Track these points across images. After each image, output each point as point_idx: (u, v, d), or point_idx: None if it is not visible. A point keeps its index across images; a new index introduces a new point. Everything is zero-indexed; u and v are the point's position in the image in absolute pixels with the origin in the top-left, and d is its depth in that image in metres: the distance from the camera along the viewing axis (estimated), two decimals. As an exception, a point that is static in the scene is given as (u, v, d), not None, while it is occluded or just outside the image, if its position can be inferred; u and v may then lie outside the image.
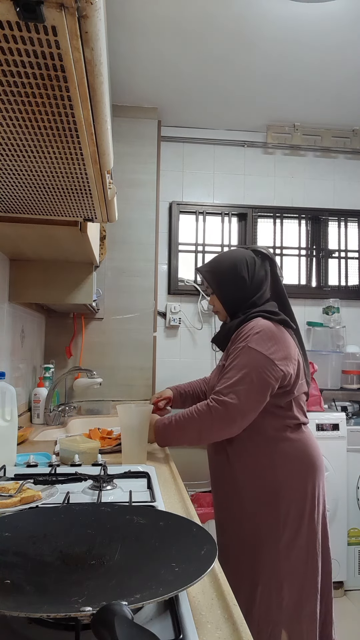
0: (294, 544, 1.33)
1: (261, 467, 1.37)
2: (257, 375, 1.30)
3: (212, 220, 3.12)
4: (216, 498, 1.51)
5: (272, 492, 1.35)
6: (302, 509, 1.35)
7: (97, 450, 1.39)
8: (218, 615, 0.62)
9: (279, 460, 1.37)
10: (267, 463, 1.37)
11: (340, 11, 2.04)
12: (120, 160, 2.75)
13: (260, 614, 1.30)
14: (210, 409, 1.31)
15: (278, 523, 1.33)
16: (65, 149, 0.84)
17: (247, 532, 1.36)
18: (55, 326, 2.70)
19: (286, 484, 1.35)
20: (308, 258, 3.22)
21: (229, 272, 1.46)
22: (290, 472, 1.36)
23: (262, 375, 1.30)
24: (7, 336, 1.87)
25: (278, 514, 1.33)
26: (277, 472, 1.36)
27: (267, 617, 1.30)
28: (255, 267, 1.48)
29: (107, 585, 0.59)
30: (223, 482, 1.44)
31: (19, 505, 0.91)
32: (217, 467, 1.48)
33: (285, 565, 1.32)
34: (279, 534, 1.33)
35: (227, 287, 1.48)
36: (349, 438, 2.58)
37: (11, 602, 0.52)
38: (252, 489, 1.37)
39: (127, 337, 2.76)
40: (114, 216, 1.28)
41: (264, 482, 1.36)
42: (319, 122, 3.05)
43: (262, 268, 1.50)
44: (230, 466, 1.41)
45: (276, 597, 1.30)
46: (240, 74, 2.52)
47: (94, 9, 0.52)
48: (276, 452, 1.37)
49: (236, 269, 1.46)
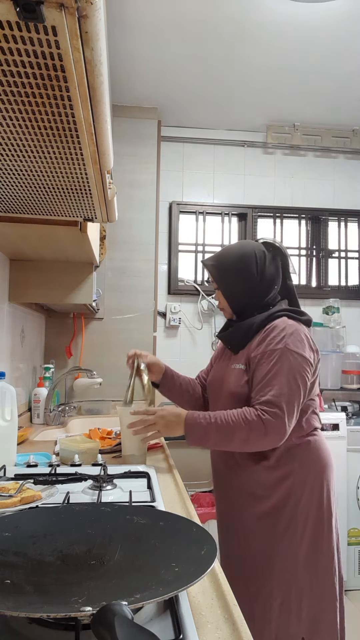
0: (314, 553, 1.27)
1: (281, 474, 1.28)
2: (301, 380, 1.23)
3: (212, 220, 3.12)
4: (224, 507, 1.40)
5: (290, 499, 1.27)
6: (320, 515, 1.29)
7: (97, 450, 1.39)
8: (218, 615, 0.62)
9: (298, 466, 1.29)
10: (287, 470, 1.28)
11: (340, 11, 2.04)
12: (120, 160, 2.75)
13: (279, 627, 1.23)
14: (264, 422, 1.18)
15: (296, 531, 1.26)
16: (65, 149, 0.84)
17: (263, 543, 1.28)
18: (55, 326, 2.70)
19: (304, 490, 1.28)
20: (308, 258, 3.21)
21: (235, 266, 1.35)
22: (307, 477, 1.29)
23: (305, 379, 1.24)
24: (7, 336, 1.87)
25: (297, 522, 1.26)
26: (296, 478, 1.28)
27: (286, 631, 1.23)
28: (265, 262, 1.35)
29: (107, 585, 0.59)
30: (236, 489, 1.34)
31: (19, 505, 0.91)
32: (227, 475, 1.37)
33: (304, 576, 1.26)
34: (297, 543, 1.26)
35: (232, 282, 1.36)
36: (349, 438, 2.58)
37: (11, 602, 0.52)
38: (270, 497, 1.28)
39: (127, 337, 2.76)
40: (114, 216, 1.28)
41: (282, 489, 1.27)
42: (319, 122, 3.05)
43: (272, 263, 1.37)
44: (247, 474, 1.31)
45: (296, 609, 1.24)
46: (240, 73, 2.52)
47: (94, 9, 0.52)
48: (296, 458, 1.29)
49: (243, 263, 1.34)
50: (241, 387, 1.30)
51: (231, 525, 1.36)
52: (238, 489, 1.33)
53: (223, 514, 1.42)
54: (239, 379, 1.32)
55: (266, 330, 1.31)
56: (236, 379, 1.32)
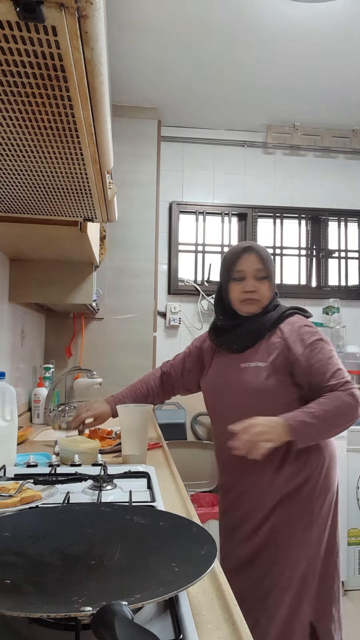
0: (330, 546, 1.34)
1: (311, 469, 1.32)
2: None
3: (212, 220, 3.12)
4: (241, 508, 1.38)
5: (308, 485, 1.31)
6: (332, 508, 1.35)
7: (97, 450, 1.39)
8: (218, 615, 0.62)
9: (326, 458, 1.35)
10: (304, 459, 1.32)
11: (340, 11, 2.04)
12: (120, 160, 2.75)
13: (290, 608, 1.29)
14: (357, 399, 1.26)
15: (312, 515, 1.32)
16: (65, 149, 0.84)
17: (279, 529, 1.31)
18: (55, 326, 2.70)
19: (320, 475, 1.33)
20: (308, 258, 3.21)
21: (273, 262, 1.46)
22: (323, 463, 1.34)
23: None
24: (7, 336, 1.87)
25: (312, 507, 1.31)
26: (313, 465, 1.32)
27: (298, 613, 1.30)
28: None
29: (107, 585, 0.59)
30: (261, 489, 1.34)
31: (19, 505, 0.91)
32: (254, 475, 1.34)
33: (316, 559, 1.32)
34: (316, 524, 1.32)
35: (274, 275, 1.44)
36: (349, 438, 2.57)
37: (11, 602, 0.52)
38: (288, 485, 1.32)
39: (127, 337, 2.76)
40: (114, 216, 1.28)
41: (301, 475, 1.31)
42: (319, 122, 3.05)
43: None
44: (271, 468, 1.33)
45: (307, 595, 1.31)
46: (240, 73, 2.52)
47: (94, 9, 0.52)
48: (326, 450, 1.35)
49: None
50: (265, 382, 1.32)
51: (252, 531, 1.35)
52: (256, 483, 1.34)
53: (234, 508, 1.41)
54: (259, 375, 1.33)
55: (288, 327, 1.36)
56: (258, 376, 1.33)
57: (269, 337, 1.37)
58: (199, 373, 1.55)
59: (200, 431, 2.95)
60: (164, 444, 1.70)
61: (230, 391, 1.39)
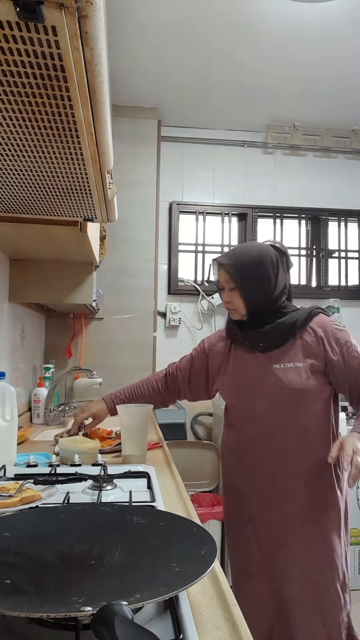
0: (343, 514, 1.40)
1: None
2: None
3: (212, 220, 3.12)
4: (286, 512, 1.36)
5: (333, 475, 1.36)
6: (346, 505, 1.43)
7: (97, 450, 1.39)
8: (218, 615, 0.62)
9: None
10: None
11: (340, 11, 2.04)
12: (120, 160, 2.75)
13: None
14: None
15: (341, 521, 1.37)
16: (65, 149, 0.84)
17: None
18: (55, 326, 2.70)
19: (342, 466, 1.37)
20: (308, 258, 3.22)
21: (255, 267, 1.35)
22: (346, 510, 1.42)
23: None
24: (7, 336, 1.87)
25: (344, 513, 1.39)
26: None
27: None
28: (279, 264, 1.37)
29: (107, 585, 0.59)
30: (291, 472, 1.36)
31: (19, 505, 0.91)
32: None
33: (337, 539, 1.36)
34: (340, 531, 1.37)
35: (251, 283, 1.35)
36: (349, 438, 2.57)
37: (11, 602, 0.52)
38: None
39: (127, 337, 2.76)
40: (114, 216, 1.28)
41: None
42: (319, 122, 3.05)
43: (282, 265, 1.39)
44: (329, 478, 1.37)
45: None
46: (240, 73, 2.52)
47: (94, 9, 0.52)
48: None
49: (262, 264, 1.34)
50: (307, 383, 1.33)
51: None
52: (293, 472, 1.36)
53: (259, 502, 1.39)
54: (300, 375, 1.33)
55: (320, 326, 1.38)
56: (299, 376, 1.33)
57: (301, 336, 1.36)
58: (205, 378, 1.51)
59: (200, 431, 2.95)
60: (164, 444, 1.70)
61: (262, 392, 1.35)
